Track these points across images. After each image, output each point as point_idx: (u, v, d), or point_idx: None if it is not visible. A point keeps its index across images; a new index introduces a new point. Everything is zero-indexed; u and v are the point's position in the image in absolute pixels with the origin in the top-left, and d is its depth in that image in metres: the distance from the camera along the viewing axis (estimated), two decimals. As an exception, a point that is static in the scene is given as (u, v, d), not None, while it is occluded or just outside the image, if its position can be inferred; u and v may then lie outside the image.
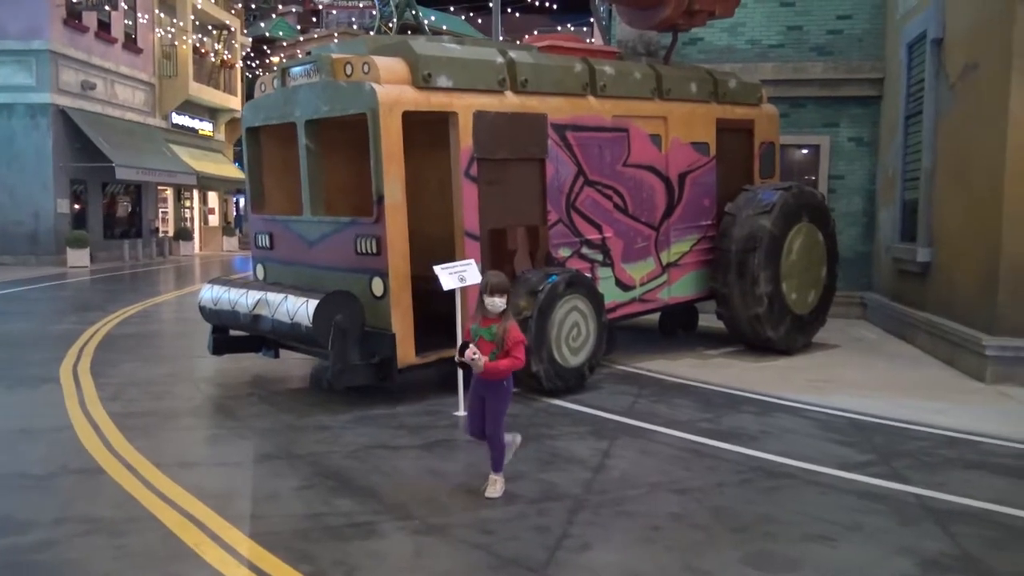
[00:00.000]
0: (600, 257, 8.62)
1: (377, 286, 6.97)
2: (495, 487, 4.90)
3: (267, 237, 8.17)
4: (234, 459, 5.62)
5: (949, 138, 9.79)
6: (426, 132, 7.99)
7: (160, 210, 31.07)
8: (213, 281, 8.09)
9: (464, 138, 7.31)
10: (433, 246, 7.66)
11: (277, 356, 8.09)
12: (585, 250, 8.45)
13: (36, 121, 23.57)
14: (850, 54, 12.95)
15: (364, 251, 7.01)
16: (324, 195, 7.66)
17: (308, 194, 7.54)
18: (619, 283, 8.88)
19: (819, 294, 10.09)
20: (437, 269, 6.75)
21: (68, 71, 24.47)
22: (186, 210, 33.22)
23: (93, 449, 5.75)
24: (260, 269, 8.37)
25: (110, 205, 27.46)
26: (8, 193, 23.46)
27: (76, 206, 25.15)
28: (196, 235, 33.19)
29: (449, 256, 7.28)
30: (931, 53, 10.15)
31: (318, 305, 6.63)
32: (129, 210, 28.73)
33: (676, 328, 10.57)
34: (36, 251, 23.57)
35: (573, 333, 7.56)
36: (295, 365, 8.57)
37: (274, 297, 7.10)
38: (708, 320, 10.87)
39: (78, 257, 23.40)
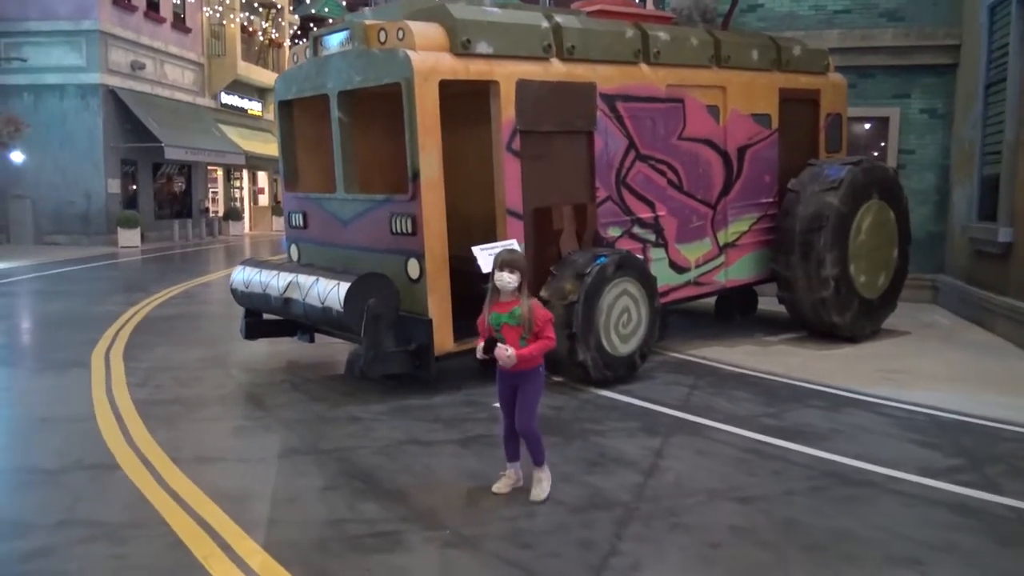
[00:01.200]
0: (652, 237, 8.05)
1: (413, 268, 6.52)
2: (541, 487, 4.45)
3: (301, 216, 7.78)
4: (257, 454, 5.24)
5: (1037, 107, 8.96)
6: (465, 103, 7.48)
7: (210, 190, 31.19)
8: (245, 262, 7.74)
9: (506, 109, 6.79)
10: (473, 226, 7.19)
11: (312, 341, 7.72)
12: (636, 229, 7.89)
13: (87, 101, 23.67)
14: (923, 19, 12.05)
15: (399, 231, 6.57)
16: (358, 172, 7.23)
17: (341, 170, 7.12)
18: (673, 265, 8.30)
19: (889, 277, 9.37)
20: (476, 250, 6.27)
21: (117, 51, 24.51)
22: (236, 190, 33.32)
23: (112, 441, 5.42)
24: (294, 250, 8.00)
25: (161, 185, 27.59)
26: (60, 173, 23.63)
27: (127, 186, 25.29)
28: (246, 215, 33.30)
29: (490, 237, 6.80)
30: (1017, 14, 9.28)
31: (350, 288, 6.22)
32: (179, 190, 28.86)
33: (733, 313, 9.92)
34: (88, 231, 23.74)
35: (623, 319, 7.03)
36: (332, 350, 8.19)
37: (305, 280, 6.71)
38: (767, 304, 10.23)
39: (129, 237, 23.50)
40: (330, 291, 6.37)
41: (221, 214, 31.18)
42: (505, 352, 4.23)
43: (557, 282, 6.84)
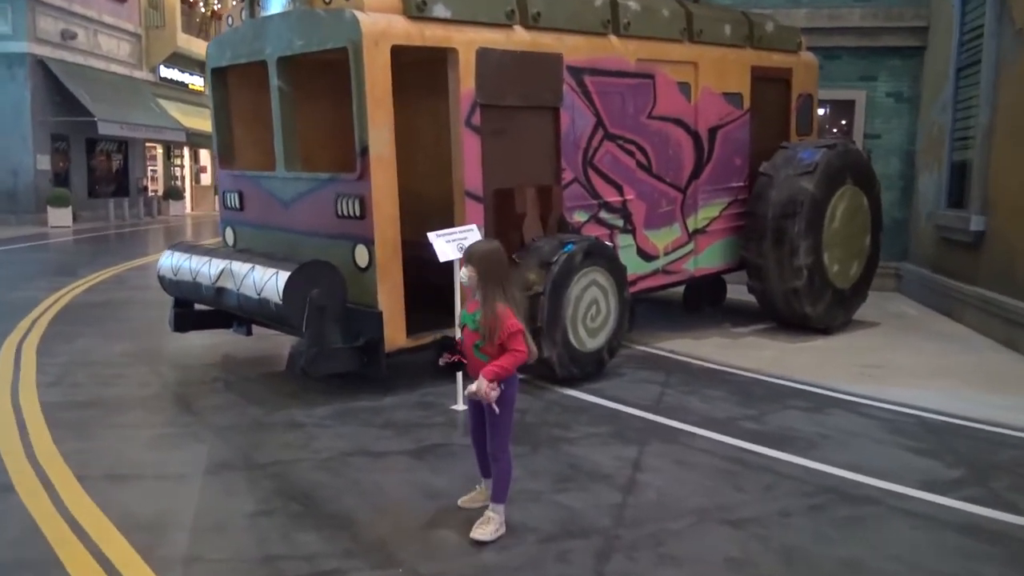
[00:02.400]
0: (620, 223, 7.51)
1: (361, 255, 5.88)
2: (487, 527, 3.72)
3: (236, 196, 7.06)
4: (180, 469, 4.57)
5: (1013, 92, 8.61)
6: (420, 73, 6.85)
7: (149, 168, 29.85)
8: (174, 247, 7.00)
9: (465, 80, 6.17)
10: (428, 209, 6.56)
11: (250, 333, 7.02)
12: (604, 214, 7.34)
13: (13, 72, 22.26)
14: (891, 0, 11.69)
15: (346, 213, 5.92)
16: (300, 147, 6.55)
17: (281, 146, 6.43)
18: (641, 252, 7.78)
19: (862, 265, 9.00)
20: (432, 236, 5.67)
21: (47, 19, 23.11)
22: (176, 168, 31.98)
23: (9, 456, 4.70)
24: (229, 233, 7.28)
25: (96, 162, 26.22)
26: (-15, 148, 22.25)
27: (59, 163, 23.94)
28: (187, 194, 31.99)
29: (447, 221, 6.19)
30: (994, -6, 8.93)
31: (290, 278, 5.55)
32: (116, 168, 27.50)
33: (702, 303, 9.45)
34: (15, 210, 22.41)
35: (591, 312, 6.49)
36: (273, 343, 7.47)
37: (239, 267, 6.01)
38: (734, 292, 9.79)
39: (60, 216, 22.25)
40: (267, 281, 5.69)
41: (160, 193, 29.87)
42: (470, 388, 3.60)
43: (520, 271, 6.25)
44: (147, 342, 7.79)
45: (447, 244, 5.62)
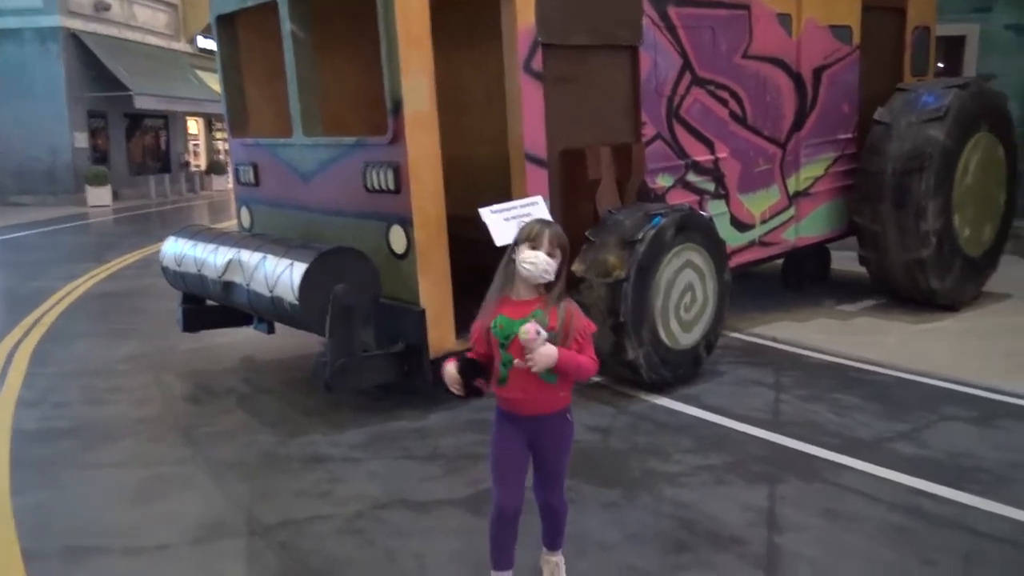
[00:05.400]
0: (711, 186, 6.19)
1: (397, 239, 4.69)
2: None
3: (250, 170, 5.91)
4: (160, 535, 3.43)
5: None
6: (465, 14, 5.58)
7: (191, 143, 29.08)
8: (181, 231, 5.87)
9: (524, 14, 4.87)
10: (479, 178, 5.34)
11: (272, 331, 5.86)
12: (692, 177, 6.02)
13: (46, 47, 21.49)
14: (1012, -87, 10.01)
15: (377, 187, 4.72)
16: (322, 108, 5.35)
17: (298, 106, 5.24)
18: (735, 221, 6.46)
19: (995, 229, 7.53)
20: (485, 213, 4.44)
21: (78, -10, 22.26)
22: (218, 142, 31.13)
23: (-50, 511, 3.66)
24: (245, 213, 6.15)
25: (134, 138, 25.48)
26: (22, 127, 21.52)
27: (96, 140, 23.23)
28: (230, 168, 31.23)
29: (503, 192, 4.95)
30: None
31: (307, 272, 4.37)
32: (156, 143, 26.76)
33: (804, 279, 7.97)
34: (55, 190, 21.77)
35: (686, 300, 5.21)
36: (301, 342, 6.28)
37: (249, 257, 4.85)
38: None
39: (99, 195, 21.51)
40: (281, 274, 4.52)
41: (203, 168, 29.10)
42: (534, 339, 2.45)
43: (596, 253, 4.98)
44: (158, 342, 6.73)
45: (505, 223, 4.39)
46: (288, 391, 5.40)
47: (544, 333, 2.46)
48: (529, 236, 2.58)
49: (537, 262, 2.54)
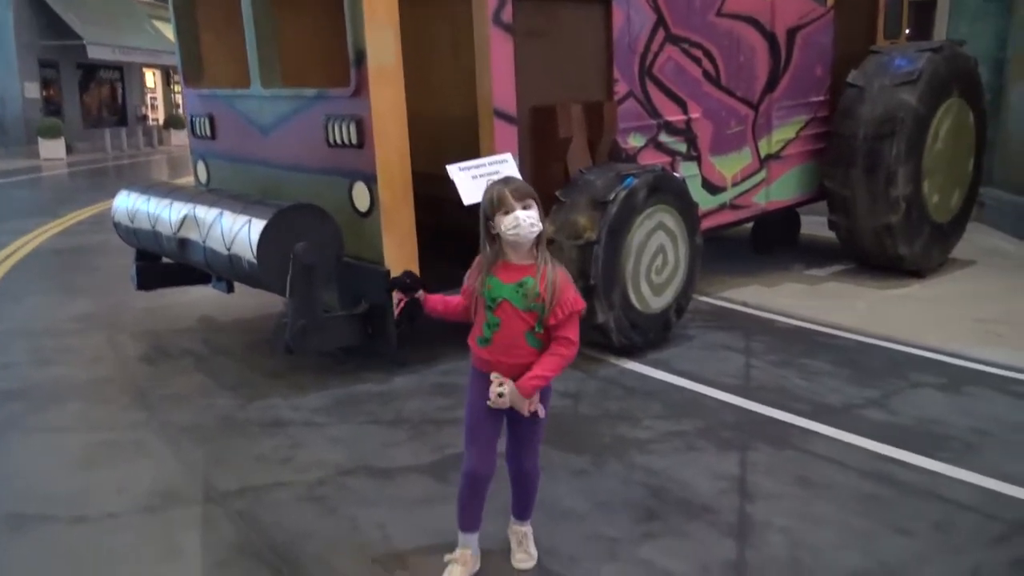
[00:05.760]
0: (684, 147, 6.07)
1: (360, 196, 4.52)
2: (531, 546, 2.85)
3: (206, 121, 5.67)
4: (109, 503, 3.29)
5: None
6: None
7: (148, 96, 28.27)
8: (132, 186, 5.62)
9: (492, -38, 4.68)
10: (446, 134, 5.16)
11: (231, 290, 5.70)
12: (664, 137, 5.89)
13: (-7, -9, 20.65)
14: None
15: (339, 141, 4.53)
16: (281, 57, 5.11)
17: (256, 55, 5.00)
18: (706, 184, 6.35)
19: (963, 195, 7.53)
20: (452, 170, 4.28)
21: (26, -68, 21.33)
22: (177, 95, 30.28)
23: None
24: (202, 168, 5.92)
25: (89, 90, 24.68)
26: (-31, 76, 20.78)
27: (49, 91, 22.46)
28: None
29: (471, 149, 4.79)
30: None
31: (265, 228, 4.19)
32: (112, 95, 25.95)
33: (773, 243, 7.94)
34: (5, 142, 21.06)
35: (657, 263, 5.11)
36: (263, 300, 6.12)
37: (205, 213, 4.65)
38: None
39: (52, 148, 20.85)
40: (239, 231, 4.34)
41: (161, 122, 28.32)
42: (496, 389, 2.48)
43: (567, 213, 4.85)
44: (112, 299, 6.50)
45: (473, 180, 4.23)
46: (248, 353, 5.23)
47: (507, 387, 2.45)
48: (496, 203, 2.46)
49: (520, 223, 2.43)
